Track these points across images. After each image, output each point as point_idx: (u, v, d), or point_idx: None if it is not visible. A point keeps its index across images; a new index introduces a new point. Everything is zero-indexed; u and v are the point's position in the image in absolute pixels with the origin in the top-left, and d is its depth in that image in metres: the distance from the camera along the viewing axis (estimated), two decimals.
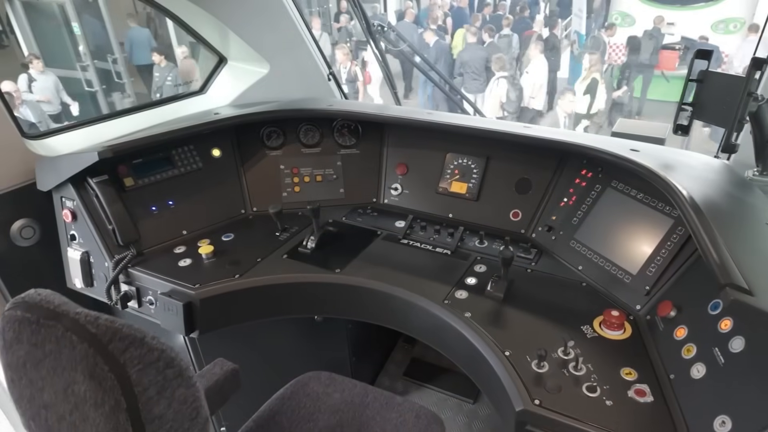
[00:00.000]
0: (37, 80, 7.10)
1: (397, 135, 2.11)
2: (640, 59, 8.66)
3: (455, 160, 2.00)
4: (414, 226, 1.92)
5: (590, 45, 8.88)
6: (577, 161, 1.79)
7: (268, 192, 2.10)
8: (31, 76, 7.12)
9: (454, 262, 1.73)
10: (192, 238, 1.91)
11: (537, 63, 7.84)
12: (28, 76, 7.13)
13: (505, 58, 7.74)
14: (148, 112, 2.34)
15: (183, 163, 1.97)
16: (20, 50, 8.04)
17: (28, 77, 7.12)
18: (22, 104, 6.43)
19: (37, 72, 7.12)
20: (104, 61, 8.57)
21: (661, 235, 1.50)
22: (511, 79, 7.65)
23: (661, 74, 9.17)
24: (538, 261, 1.72)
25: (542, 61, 7.86)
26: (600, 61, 7.39)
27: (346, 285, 1.68)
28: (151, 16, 10.20)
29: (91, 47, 8.47)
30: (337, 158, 2.13)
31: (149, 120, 2.26)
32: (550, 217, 1.80)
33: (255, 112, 2.06)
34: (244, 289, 1.68)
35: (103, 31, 8.58)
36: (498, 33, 9.55)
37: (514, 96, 7.53)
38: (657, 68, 9.02)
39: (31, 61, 7.14)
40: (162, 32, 10.06)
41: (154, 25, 10.08)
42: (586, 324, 1.44)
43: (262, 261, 1.77)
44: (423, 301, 1.56)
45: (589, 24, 10.93)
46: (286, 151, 2.12)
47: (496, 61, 7.52)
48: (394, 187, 2.09)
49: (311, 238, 1.82)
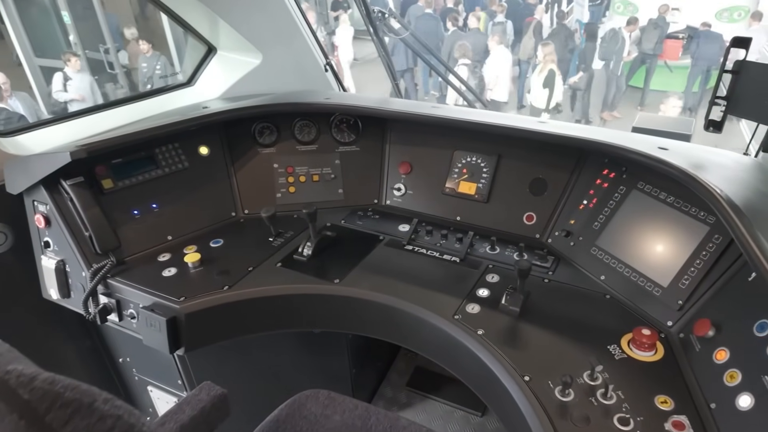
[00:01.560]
0: (73, 79, 6.88)
1: (400, 131, 1.96)
2: (644, 48, 8.47)
3: (463, 158, 1.84)
4: (419, 230, 1.77)
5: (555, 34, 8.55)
6: (598, 160, 1.64)
7: (260, 193, 1.94)
8: (67, 75, 6.88)
9: (464, 272, 1.58)
10: (177, 245, 1.76)
11: (497, 53, 7.63)
12: (63, 74, 6.88)
13: (467, 46, 7.51)
14: (132, 106, 2.17)
15: (167, 163, 1.82)
16: (9, 39, 7.80)
17: (64, 76, 6.88)
18: (10, 96, 6.22)
19: (74, 71, 6.87)
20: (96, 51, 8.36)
21: (696, 243, 1.35)
22: (471, 68, 7.45)
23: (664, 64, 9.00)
24: (556, 269, 1.57)
25: (503, 52, 7.65)
26: (554, 52, 7.17)
27: (346, 297, 1.53)
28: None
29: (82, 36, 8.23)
30: (335, 156, 1.97)
31: (133, 114, 2.10)
32: (568, 221, 1.65)
33: (246, 106, 1.90)
34: (233, 302, 1.53)
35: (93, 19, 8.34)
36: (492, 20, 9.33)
37: (473, 85, 7.33)
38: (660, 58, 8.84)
39: (68, 59, 6.89)
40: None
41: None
42: (612, 343, 1.30)
43: (253, 270, 1.62)
44: (431, 316, 1.42)
45: (596, 12, 10.70)
46: (279, 148, 1.97)
47: (458, 48, 7.33)
48: (397, 187, 1.94)
49: (307, 245, 1.67)
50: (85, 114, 2.06)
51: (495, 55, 7.63)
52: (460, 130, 1.81)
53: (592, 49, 8.17)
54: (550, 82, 7.07)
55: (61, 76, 6.92)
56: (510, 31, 9.28)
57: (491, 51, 7.72)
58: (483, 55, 7.99)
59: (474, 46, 7.91)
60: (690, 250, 1.35)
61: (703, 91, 8.19)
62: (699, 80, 8.09)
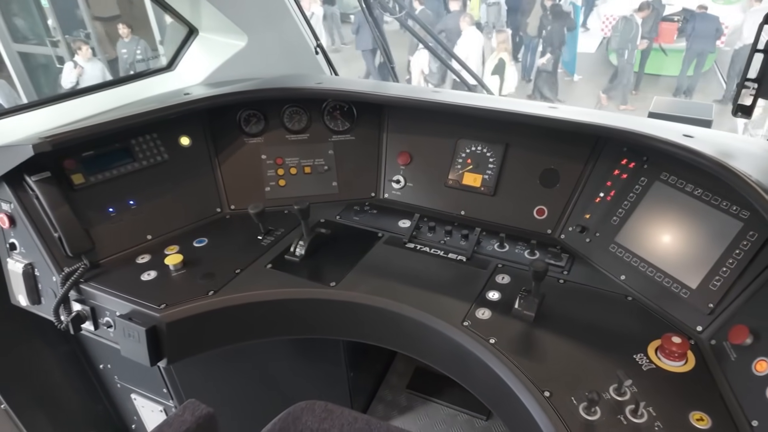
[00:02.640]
0: (85, 68, 6.50)
1: (398, 118, 1.81)
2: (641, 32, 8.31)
3: (468, 147, 1.70)
4: (421, 226, 1.63)
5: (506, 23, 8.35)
6: (616, 149, 1.51)
7: (247, 187, 1.79)
8: (78, 65, 6.52)
9: (471, 272, 1.46)
10: (158, 245, 1.62)
11: (467, 35, 7.41)
12: (74, 63, 6.52)
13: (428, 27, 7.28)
14: (107, 92, 2.00)
15: (145, 155, 1.66)
16: None
17: (74, 65, 6.53)
18: None
19: (84, 60, 6.46)
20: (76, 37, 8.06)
21: (728, 240, 1.23)
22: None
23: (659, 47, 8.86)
24: (571, 269, 1.45)
25: (473, 34, 7.43)
26: (508, 40, 6.97)
27: (344, 302, 1.40)
28: None
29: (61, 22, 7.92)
30: (328, 146, 1.83)
31: (107, 102, 1.93)
32: (583, 215, 1.52)
33: (230, 92, 1.74)
34: (219, 309, 1.40)
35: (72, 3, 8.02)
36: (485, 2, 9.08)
37: (435, 67, 7.12)
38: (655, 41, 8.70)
39: (79, 47, 6.47)
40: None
41: None
42: (639, 352, 1.18)
43: (241, 273, 1.48)
44: (437, 323, 1.29)
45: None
46: (268, 138, 1.81)
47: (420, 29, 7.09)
48: (395, 179, 1.80)
49: (300, 243, 1.54)
50: (55, 102, 1.89)
51: (466, 36, 7.41)
52: (464, 117, 1.67)
53: (559, 31, 7.96)
54: (500, 70, 6.90)
55: (71, 66, 6.59)
56: (504, 13, 9.08)
57: (462, 32, 7.50)
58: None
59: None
60: (722, 248, 1.23)
61: (698, 74, 8.09)
62: (694, 63, 7.97)
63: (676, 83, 8.14)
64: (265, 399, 1.93)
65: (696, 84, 8.09)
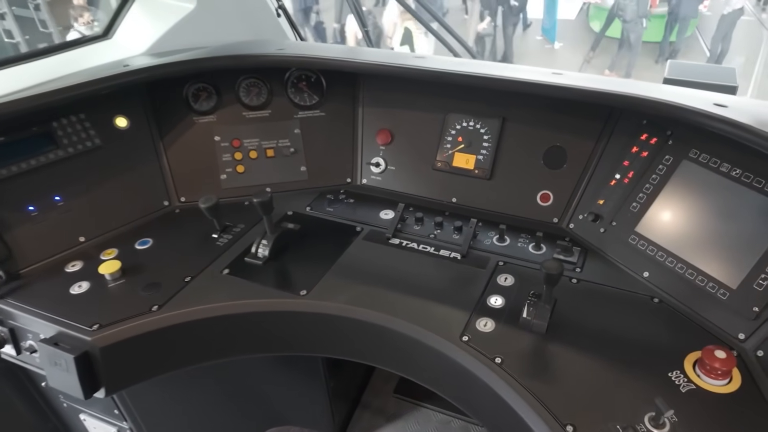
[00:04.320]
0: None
1: (376, 89, 1.55)
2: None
3: (458, 122, 1.46)
4: (406, 217, 1.40)
5: None
6: (634, 122, 1.28)
7: (199, 175, 1.53)
8: (81, 34, 5.84)
9: (468, 272, 1.23)
10: (92, 248, 1.36)
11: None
12: (78, 34, 5.85)
13: None
14: (30, 65, 1.68)
15: (71, 141, 1.38)
16: None
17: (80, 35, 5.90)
18: None
19: (86, 28, 5.60)
20: (25, 8, 7.45)
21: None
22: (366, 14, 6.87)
23: None
24: (584, 265, 1.23)
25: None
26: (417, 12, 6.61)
27: (317, 314, 1.16)
28: None
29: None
30: (294, 124, 1.56)
31: (28, 77, 1.61)
32: (596, 201, 1.30)
33: (174, 61, 1.46)
34: (165, 328, 1.15)
35: None
36: None
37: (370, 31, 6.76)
38: None
39: (80, 14, 5.69)
40: None
41: None
42: (674, 368, 0.98)
43: (192, 281, 1.23)
44: (430, 338, 1.07)
45: None
46: (221, 116, 1.54)
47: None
48: (374, 162, 1.55)
49: (263, 243, 1.29)
50: None
51: (393, 2, 7.02)
52: (454, 86, 1.42)
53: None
54: (408, 40, 6.58)
55: (77, 35, 5.99)
56: None
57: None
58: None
59: None
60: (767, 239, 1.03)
61: (681, 40, 7.91)
62: (676, 29, 7.78)
63: (659, 49, 7.96)
64: (234, 419, 1.70)
65: (679, 50, 7.92)
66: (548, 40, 8.93)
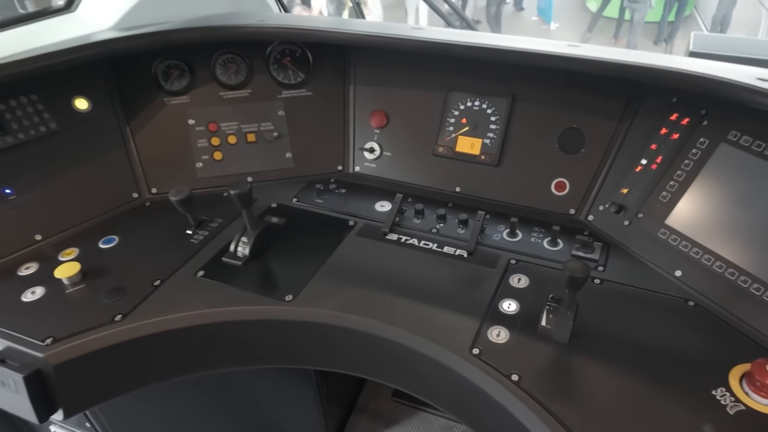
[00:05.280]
0: None
1: (369, 65, 1.39)
2: None
3: (462, 102, 1.30)
4: (405, 209, 1.25)
5: None
6: (662, 100, 1.13)
7: (172, 163, 1.37)
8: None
9: (476, 272, 1.09)
10: (50, 248, 1.20)
11: None
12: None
13: None
14: None
15: (22, 125, 1.21)
16: None
17: None
18: None
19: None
20: None
21: None
22: None
23: None
24: (607, 263, 1.09)
25: None
26: None
27: (305, 323, 1.02)
28: None
29: None
30: (277, 105, 1.40)
31: None
32: (618, 189, 1.16)
33: (140, 33, 1.29)
34: (130, 340, 1.00)
35: None
36: None
37: (333, 8, 6.52)
38: None
39: None
40: None
41: None
42: (718, 385, 0.85)
43: (162, 285, 1.08)
44: (436, 351, 0.93)
45: None
46: (195, 96, 1.37)
47: None
48: (368, 147, 1.39)
49: (242, 240, 1.14)
50: None
51: None
52: (457, 61, 1.26)
53: None
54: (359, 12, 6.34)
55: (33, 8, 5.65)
56: None
57: None
58: None
59: None
60: None
61: (680, 20, 7.74)
62: (675, 8, 7.60)
63: (657, 29, 7.78)
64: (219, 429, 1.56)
65: (677, 30, 7.75)
66: (544, 20, 8.72)
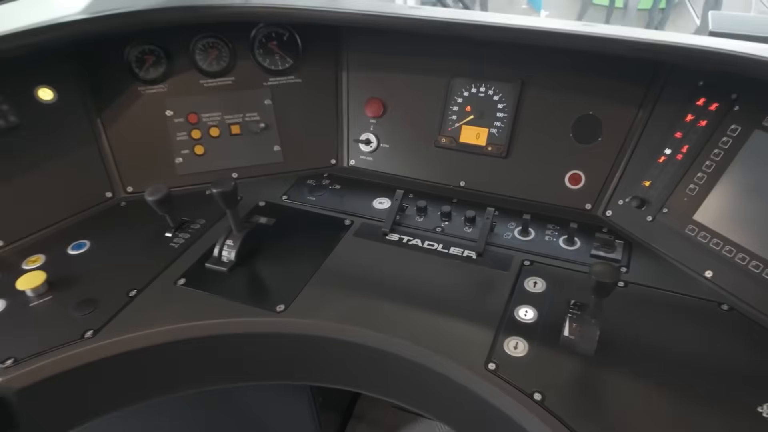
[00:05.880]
0: None
1: (364, 49, 1.28)
2: None
3: (466, 88, 1.20)
4: (406, 206, 1.14)
5: None
6: (687, 83, 1.04)
7: (149, 159, 1.25)
8: None
9: (487, 275, 0.99)
10: (13, 255, 1.09)
11: None
12: None
13: None
14: None
15: None
16: None
17: None
18: None
19: None
20: None
21: None
22: None
23: None
24: (630, 263, 1.00)
25: None
26: None
27: (299, 336, 0.91)
28: None
29: None
30: (263, 93, 1.28)
31: None
32: (640, 182, 1.06)
33: (109, 14, 1.16)
34: (103, 359, 0.89)
35: None
36: None
37: None
38: None
39: None
40: None
41: None
42: (764, 400, 0.76)
43: (138, 295, 0.97)
44: (447, 367, 0.83)
45: None
46: (174, 85, 1.25)
47: None
48: (364, 139, 1.28)
49: (227, 244, 1.02)
50: None
51: None
52: (461, 42, 1.16)
53: None
54: None
55: None
56: None
57: None
58: None
59: None
60: None
61: (670, 7, 7.66)
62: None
63: (648, 17, 7.70)
64: None
65: (668, 18, 7.68)
66: (534, 8, 8.61)
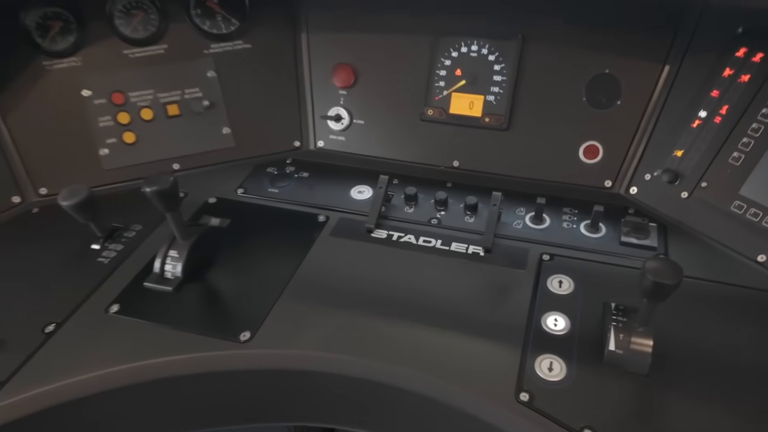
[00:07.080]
0: None
1: (325, 4, 1.05)
2: None
3: (455, 48, 1.00)
4: (392, 195, 0.94)
5: None
6: (721, 31, 0.87)
7: (66, 152, 1.00)
8: None
9: (501, 276, 0.80)
10: None
11: None
12: None
13: None
14: None
15: None
16: None
17: None
18: None
19: None
20: None
21: None
22: None
23: None
24: (667, 250, 0.84)
25: None
26: None
27: (271, 372, 0.71)
28: None
29: None
30: (205, 63, 1.04)
31: None
32: (670, 152, 0.90)
33: None
34: (14, 421, 0.66)
35: None
36: None
37: None
38: None
39: None
40: None
41: None
42: None
43: (58, 331, 0.74)
44: (466, 401, 0.65)
45: None
46: (89, 57, 1.00)
47: None
48: (333, 114, 1.07)
49: (171, 255, 0.80)
50: None
51: None
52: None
53: None
54: None
55: None
56: None
57: None
58: None
59: None
60: None
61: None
62: None
63: None
64: None
65: None
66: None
